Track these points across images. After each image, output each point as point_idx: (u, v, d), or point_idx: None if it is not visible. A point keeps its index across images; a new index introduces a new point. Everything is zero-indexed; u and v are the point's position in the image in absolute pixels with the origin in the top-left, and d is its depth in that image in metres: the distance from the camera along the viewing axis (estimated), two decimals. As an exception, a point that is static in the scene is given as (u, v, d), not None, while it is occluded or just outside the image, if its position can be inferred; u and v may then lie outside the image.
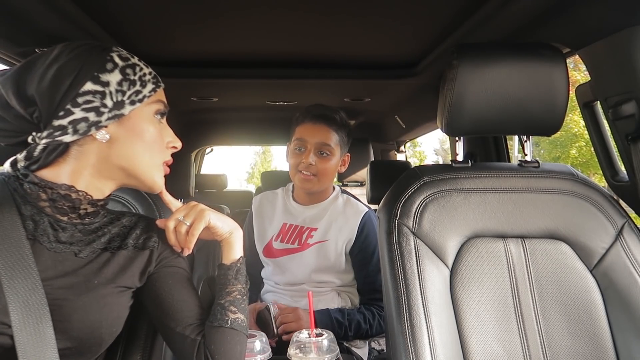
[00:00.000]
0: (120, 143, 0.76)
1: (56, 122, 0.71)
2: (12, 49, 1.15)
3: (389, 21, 1.24)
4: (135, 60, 0.79)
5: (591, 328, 0.96)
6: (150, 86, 0.79)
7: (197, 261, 2.12)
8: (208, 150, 3.65)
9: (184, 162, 2.05)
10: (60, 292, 0.72)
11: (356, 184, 2.63)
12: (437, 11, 1.17)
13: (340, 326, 1.36)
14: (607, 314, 0.96)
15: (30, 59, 0.74)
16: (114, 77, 0.74)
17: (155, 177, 0.81)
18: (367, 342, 1.54)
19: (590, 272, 0.99)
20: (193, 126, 2.85)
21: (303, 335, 0.90)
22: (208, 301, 0.88)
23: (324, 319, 1.36)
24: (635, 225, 1.02)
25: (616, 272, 0.97)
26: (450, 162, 1.10)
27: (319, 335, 0.90)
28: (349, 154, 1.56)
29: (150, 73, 0.80)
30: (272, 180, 2.76)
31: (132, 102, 0.76)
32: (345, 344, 1.42)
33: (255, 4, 1.12)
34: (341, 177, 2.62)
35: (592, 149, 1.22)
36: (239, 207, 2.46)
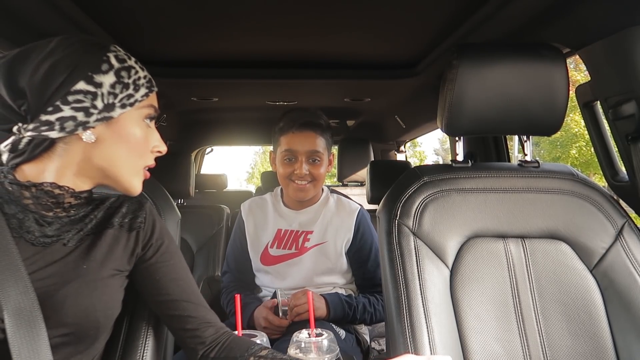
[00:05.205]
0: (105, 145, 0.75)
1: (44, 117, 0.70)
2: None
3: (389, 21, 1.25)
4: (131, 62, 0.78)
5: (591, 328, 0.96)
6: (143, 90, 0.77)
7: (197, 261, 2.12)
8: (208, 150, 3.65)
9: (184, 162, 2.05)
10: (48, 281, 0.72)
11: (356, 184, 2.63)
12: (437, 11, 1.17)
13: (350, 307, 1.40)
14: (607, 314, 0.96)
15: (24, 49, 0.73)
16: (108, 79, 0.73)
17: (133, 181, 0.80)
18: (369, 334, 1.56)
19: (590, 272, 0.99)
20: (193, 126, 2.85)
21: (303, 335, 0.90)
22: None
23: (335, 300, 1.39)
24: (635, 225, 1.02)
25: (616, 272, 0.97)
26: (450, 162, 1.10)
27: (318, 335, 0.89)
28: (333, 153, 1.56)
29: (145, 77, 0.79)
30: (272, 180, 2.76)
31: (123, 106, 0.75)
32: (352, 326, 1.47)
33: (255, 4, 1.12)
34: (341, 177, 2.62)
35: (592, 149, 1.22)
36: (239, 208, 2.45)
